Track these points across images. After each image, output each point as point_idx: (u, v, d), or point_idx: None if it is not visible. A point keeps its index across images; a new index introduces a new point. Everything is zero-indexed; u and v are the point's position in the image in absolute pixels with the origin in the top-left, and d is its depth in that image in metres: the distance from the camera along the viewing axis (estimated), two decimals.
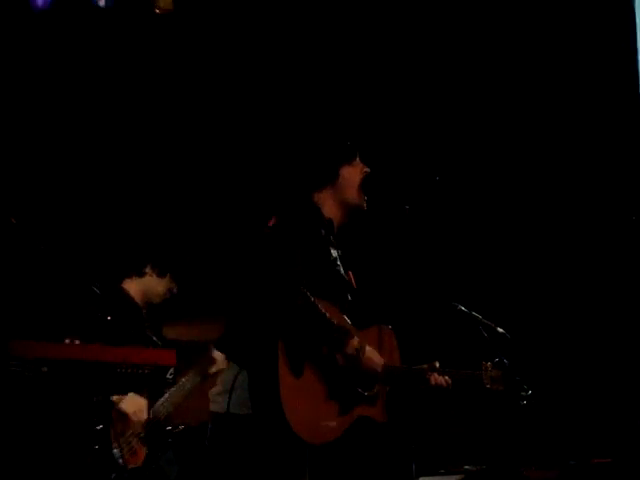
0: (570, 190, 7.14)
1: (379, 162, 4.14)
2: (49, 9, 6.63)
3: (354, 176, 4.10)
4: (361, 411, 3.95)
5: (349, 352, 3.85)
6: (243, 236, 6.69)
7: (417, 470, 3.78)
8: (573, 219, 7.11)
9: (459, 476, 5.77)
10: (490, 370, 4.15)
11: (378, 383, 3.97)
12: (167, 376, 3.66)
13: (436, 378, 4.05)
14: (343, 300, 4.06)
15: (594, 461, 6.06)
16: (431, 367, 4.07)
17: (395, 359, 4.04)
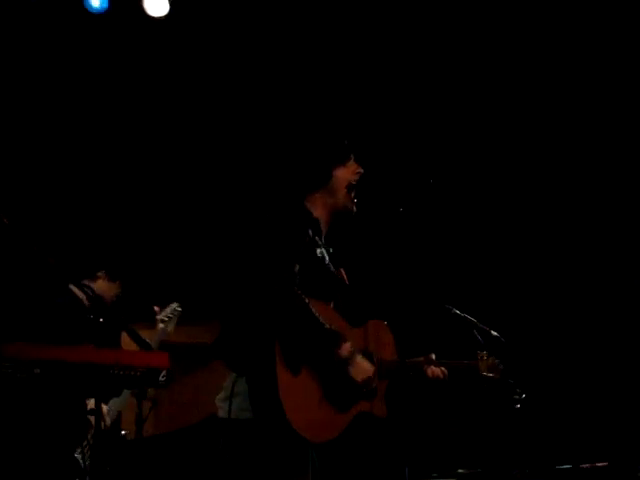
0: (564, 194, 7.15)
1: (374, 164, 4.13)
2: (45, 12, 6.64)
3: (346, 178, 4.09)
4: (361, 407, 3.95)
5: (341, 357, 3.85)
6: (235, 239, 6.74)
7: (410, 474, 3.76)
8: (568, 222, 7.12)
9: (453, 479, 5.77)
10: (486, 359, 4.16)
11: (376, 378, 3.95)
12: (160, 378, 3.65)
13: (433, 370, 4.05)
14: (335, 298, 4.06)
15: (587, 465, 6.07)
16: (427, 359, 4.07)
17: (391, 353, 4.01)
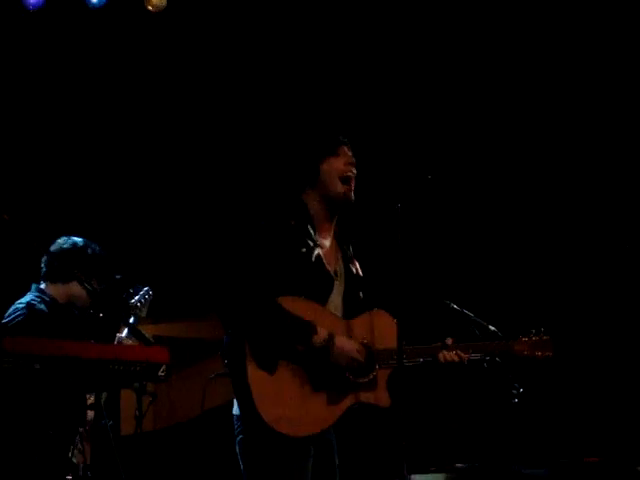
0: (561, 188, 7.16)
1: (371, 160, 4.14)
2: (43, 8, 6.64)
3: (336, 168, 4.07)
4: (357, 398, 3.93)
5: (317, 345, 3.85)
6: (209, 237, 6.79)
7: (409, 468, 3.77)
8: (567, 216, 7.13)
9: (451, 474, 5.79)
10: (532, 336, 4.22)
11: (375, 368, 3.94)
12: (159, 373, 3.66)
13: (445, 354, 4.03)
14: (324, 292, 4.03)
15: (585, 459, 6.08)
16: (443, 345, 4.05)
17: (395, 341, 3.88)
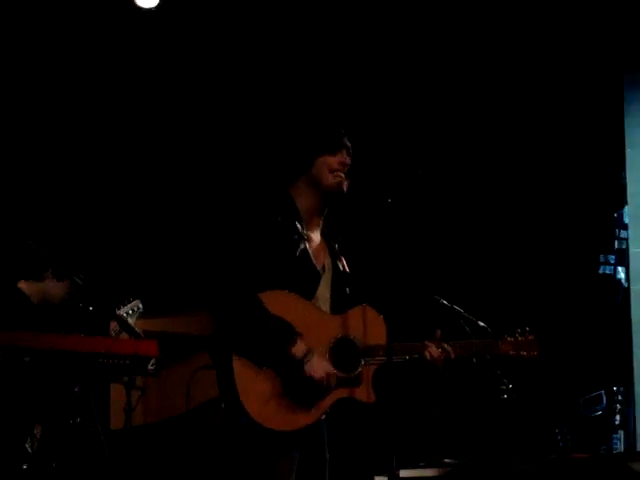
0: (549, 186, 7.18)
1: (362, 155, 4.14)
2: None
3: (330, 164, 4.06)
4: (341, 393, 3.91)
5: (294, 357, 3.80)
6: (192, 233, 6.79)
7: (397, 463, 3.77)
8: (555, 213, 7.15)
9: (439, 469, 5.80)
10: (518, 336, 4.17)
11: (361, 364, 3.93)
12: (149, 367, 3.67)
13: (431, 351, 3.98)
14: (311, 286, 4.01)
15: (574, 456, 6.10)
16: (430, 341, 4.00)
17: (381, 338, 3.88)
